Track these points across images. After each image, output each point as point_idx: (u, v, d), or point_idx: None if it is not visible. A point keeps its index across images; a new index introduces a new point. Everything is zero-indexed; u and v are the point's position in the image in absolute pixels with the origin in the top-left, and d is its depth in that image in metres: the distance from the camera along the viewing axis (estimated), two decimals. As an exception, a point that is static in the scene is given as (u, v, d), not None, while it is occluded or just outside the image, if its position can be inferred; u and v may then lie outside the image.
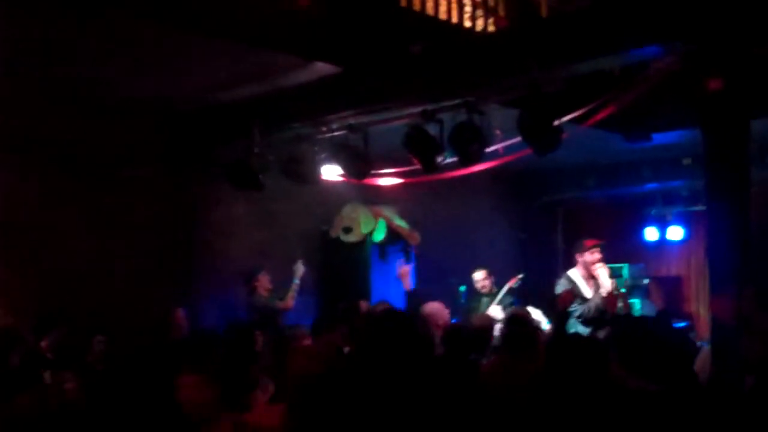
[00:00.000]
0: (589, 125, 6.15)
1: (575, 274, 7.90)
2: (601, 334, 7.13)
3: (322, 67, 6.38)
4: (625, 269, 11.02)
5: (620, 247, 11.02)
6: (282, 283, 8.25)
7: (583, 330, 7.35)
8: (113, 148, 7.65)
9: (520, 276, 8.91)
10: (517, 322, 5.10)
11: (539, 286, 10.08)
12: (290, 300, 8.11)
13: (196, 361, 4.67)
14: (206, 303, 8.09)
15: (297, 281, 8.22)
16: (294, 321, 7.52)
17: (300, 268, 8.28)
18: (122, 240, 7.65)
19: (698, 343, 8.74)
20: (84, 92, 7.02)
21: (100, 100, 7.23)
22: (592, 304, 7.43)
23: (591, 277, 7.77)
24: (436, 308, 6.40)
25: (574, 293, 7.40)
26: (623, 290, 8.42)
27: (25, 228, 7.11)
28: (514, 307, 8.40)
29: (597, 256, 7.76)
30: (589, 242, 7.86)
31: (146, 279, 7.68)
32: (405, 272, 7.15)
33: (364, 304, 7.63)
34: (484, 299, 8.87)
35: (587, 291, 7.71)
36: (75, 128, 7.37)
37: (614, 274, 10.21)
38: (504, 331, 5.16)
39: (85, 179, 7.50)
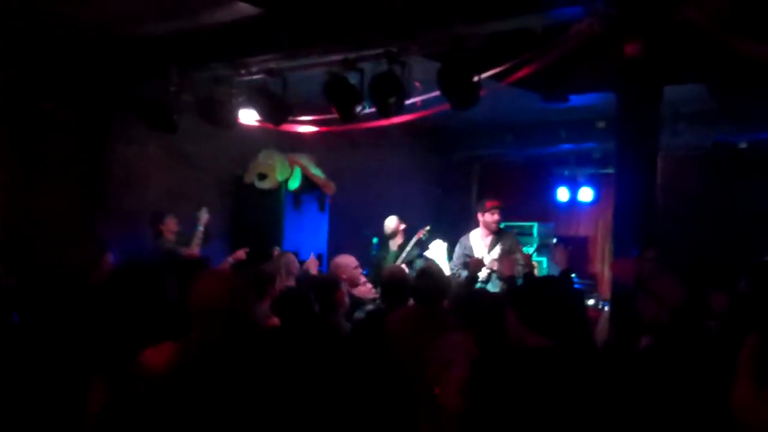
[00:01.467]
0: (508, 83, 6.19)
1: (475, 235, 8.00)
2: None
3: (244, 7, 6.23)
4: (535, 228, 11.27)
5: (531, 206, 11.28)
6: (192, 227, 8.11)
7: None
8: (27, 80, 7.35)
9: (428, 228, 8.99)
10: (428, 275, 5.14)
11: (453, 241, 10.22)
12: (195, 247, 7.95)
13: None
14: (115, 243, 7.90)
15: (201, 228, 8.00)
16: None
17: (204, 215, 8.06)
18: (33, 175, 7.41)
19: (601, 304, 9.05)
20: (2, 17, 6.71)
21: (18, 24, 6.91)
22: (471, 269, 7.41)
23: (493, 237, 7.87)
24: (346, 260, 6.45)
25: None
26: (529, 250, 8.59)
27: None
28: (421, 259, 8.51)
29: (496, 216, 7.84)
30: (489, 203, 7.93)
31: (55, 216, 7.47)
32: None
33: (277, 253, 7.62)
34: (392, 247, 8.95)
35: (481, 252, 7.79)
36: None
37: (524, 233, 10.48)
38: (414, 284, 5.20)
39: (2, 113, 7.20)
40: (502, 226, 7.98)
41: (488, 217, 7.87)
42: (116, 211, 8.15)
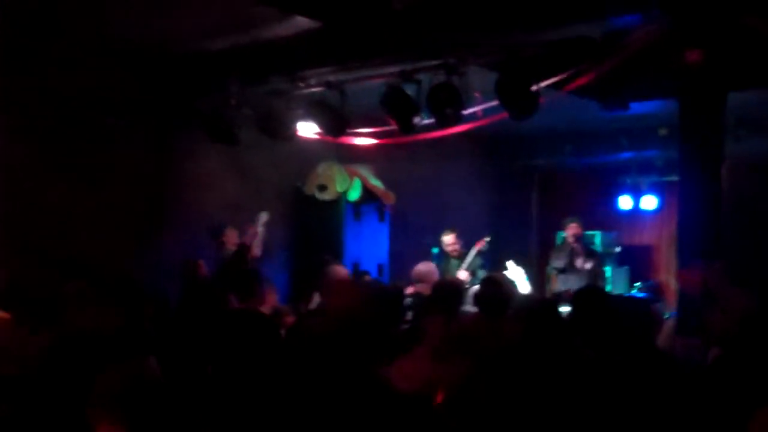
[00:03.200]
0: (567, 91, 6.13)
1: None
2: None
3: (302, 21, 6.28)
4: (598, 237, 11.11)
5: (594, 215, 11.11)
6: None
7: None
8: (92, 93, 7.53)
9: (487, 239, 8.94)
10: (492, 284, 5.12)
11: (512, 249, 10.15)
12: (255, 248, 7.99)
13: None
14: (175, 255, 8.03)
15: (260, 228, 8.09)
16: (266, 275, 7.42)
17: (263, 216, 8.13)
18: (95, 188, 7.56)
19: (666, 314, 8.89)
20: (62, 34, 6.89)
21: (80, 43, 7.10)
22: None
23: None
24: (430, 268, 6.52)
25: None
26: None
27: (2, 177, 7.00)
28: (484, 269, 8.50)
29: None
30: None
31: (116, 228, 7.62)
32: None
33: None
34: (454, 261, 8.91)
35: None
36: (52, 72, 7.23)
37: (588, 242, 10.34)
38: (478, 293, 5.19)
39: (60, 125, 7.38)
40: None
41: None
42: (178, 224, 8.27)
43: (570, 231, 9.23)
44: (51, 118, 7.29)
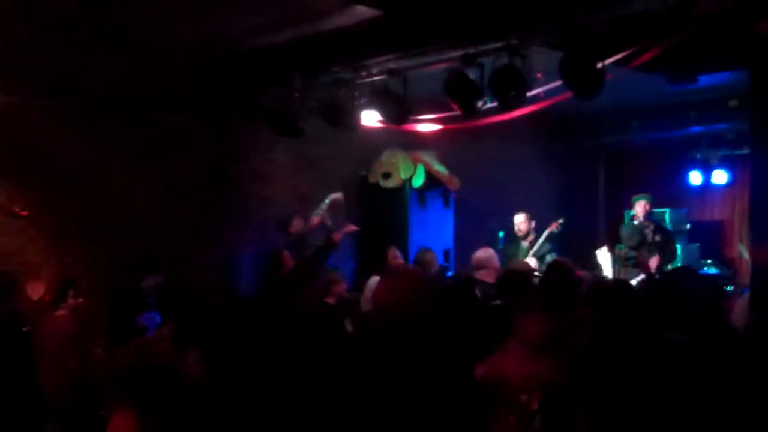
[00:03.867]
0: (633, 67, 6.02)
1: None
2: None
3: (362, 11, 6.32)
4: (667, 214, 10.91)
5: (663, 192, 10.91)
6: (318, 231, 8.23)
7: None
8: (155, 92, 7.69)
9: (561, 221, 8.86)
10: (558, 269, 5.08)
11: (580, 232, 10.04)
12: (315, 218, 8.05)
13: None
14: (245, 249, 8.16)
15: (327, 201, 8.13)
16: (333, 264, 7.47)
17: (335, 193, 8.21)
18: (163, 186, 7.72)
19: (740, 290, 8.69)
20: (125, 35, 7.05)
21: (142, 42, 7.25)
22: None
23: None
24: (490, 253, 6.48)
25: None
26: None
27: (67, 174, 7.19)
28: (553, 254, 8.41)
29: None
30: None
31: (186, 224, 7.76)
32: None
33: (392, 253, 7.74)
34: (523, 244, 8.83)
35: None
36: (117, 72, 7.40)
37: (657, 219, 10.18)
38: (544, 278, 5.15)
39: (127, 124, 7.55)
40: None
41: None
42: (245, 218, 8.39)
43: (639, 208, 9.09)
44: (118, 119, 7.46)
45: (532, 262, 8.31)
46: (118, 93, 7.44)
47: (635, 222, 9.20)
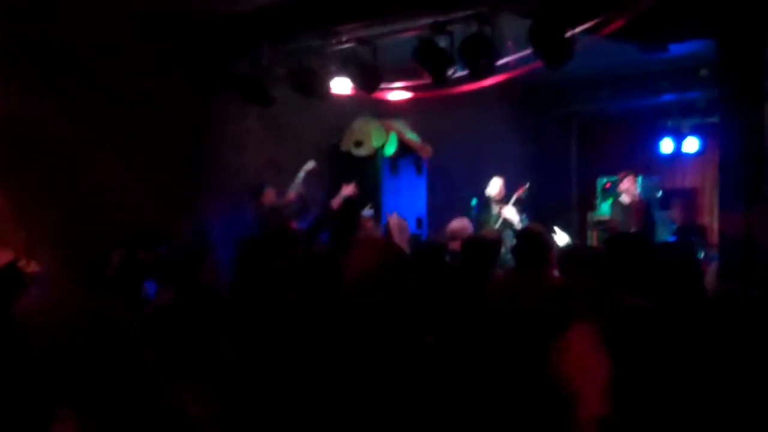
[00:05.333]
0: (603, 36, 6.02)
1: None
2: None
3: (331, -23, 6.26)
4: (639, 181, 10.97)
5: (634, 160, 10.98)
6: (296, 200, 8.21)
7: None
8: (126, 60, 7.57)
9: (526, 185, 8.88)
10: (530, 237, 5.07)
11: (552, 199, 10.09)
12: (291, 193, 8.03)
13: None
14: (217, 218, 8.11)
15: (302, 174, 8.10)
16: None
17: (309, 164, 8.19)
18: (134, 154, 7.64)
19: (711, 257, 8.79)
20: (94, 3, 6.93)
21: (111, 11, 7.13)
22: None
23: None
24: (464, 224, 6.48)
25: None
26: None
27: (38, 143, 7.09)
28: (525, 220, 8.45)
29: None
30: None
31: (156, 194, 7.70)
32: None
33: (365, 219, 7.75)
34: (494, 209, 8.87)
35: None
36: (86, 41, 7.28)
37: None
38: (517, 245, 5.13)
39: (98, 92, 7.44)
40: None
41: None
42: (217, 186, 8.34)
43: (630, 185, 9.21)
44: (88, 89, 7.36)
45: (512, 212, 8.42)
46: (89, 63, 7.33)
47: (622, 201, 9.28)
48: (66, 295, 5.83)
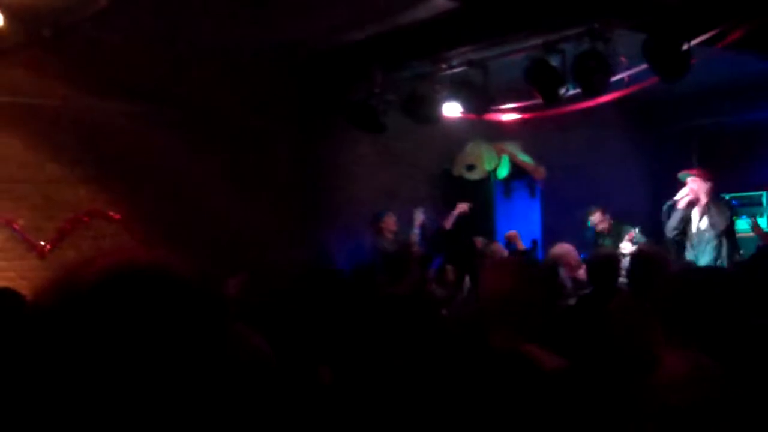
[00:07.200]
0: (722, 47, 5.82)
1: None
2: None
3: (440, 3, 6.28)
4: (764, 197, 10.52)
5: (759, 174, 10.53)
6: (407, 224, 8.25)
7: None
8: (241, 98, 7.80)
9: (636, 230, 8.42)
10: (642, 260, 4.91)
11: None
12: (414, 246, 8.04)
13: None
14: (333, 247, 8.22)
15: (416, 230, 8.12)
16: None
17: (419, 216, 8.18)
18: (252, 191, 7.82)
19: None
20: (211, 45, 7.20)
21: (227, 51, 7.39)
22: None
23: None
24: (566, 249, 6.33)
25: None
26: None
27: (160, 180, 7.36)
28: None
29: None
30: None
31: (273, 225, 7.85)
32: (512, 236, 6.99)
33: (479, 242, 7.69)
34: (607, 240, 8.57)
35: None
36: (205, 81, 7.55)
37: (753, 203, 9.82)
38: (629, 269, 5.00)
39: (216, 131, 7.68)
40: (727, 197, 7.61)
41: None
42: (332, 215, 8.45)
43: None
44: (208, 127, 7.61)
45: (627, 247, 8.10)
46: (208, 101, 7.58)
47: None
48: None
